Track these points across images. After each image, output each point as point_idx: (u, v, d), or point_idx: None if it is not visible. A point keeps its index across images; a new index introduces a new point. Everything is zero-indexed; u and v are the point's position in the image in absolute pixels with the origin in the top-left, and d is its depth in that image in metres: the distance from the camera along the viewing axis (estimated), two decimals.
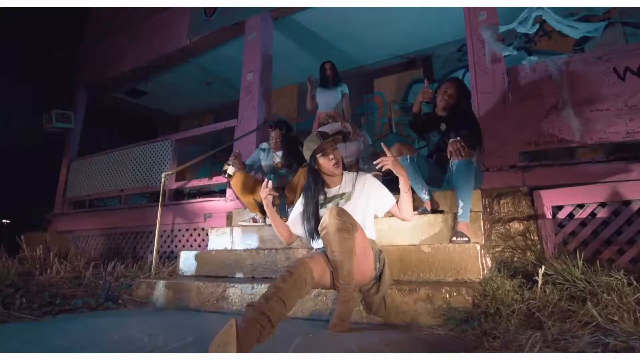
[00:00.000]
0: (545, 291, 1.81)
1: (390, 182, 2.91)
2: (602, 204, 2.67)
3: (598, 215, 2.66)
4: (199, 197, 4.88)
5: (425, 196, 2.52)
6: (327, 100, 4.31)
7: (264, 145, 3.77)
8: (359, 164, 3.35)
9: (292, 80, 6.70)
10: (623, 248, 2.58)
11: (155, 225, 3.48)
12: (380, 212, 2.09)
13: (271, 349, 1.40)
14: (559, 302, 1.65)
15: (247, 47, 4.72)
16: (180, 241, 4.55)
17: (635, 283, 1.71)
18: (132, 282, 2.93)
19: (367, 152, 3.01)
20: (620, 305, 1.50)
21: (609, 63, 2.89)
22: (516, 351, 1.17)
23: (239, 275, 2.79)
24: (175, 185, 4.85)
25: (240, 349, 1.12)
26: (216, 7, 5.00)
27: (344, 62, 6.20)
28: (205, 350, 1.37)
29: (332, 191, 2.10)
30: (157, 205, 3.57)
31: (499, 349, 1.23)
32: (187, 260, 3.11)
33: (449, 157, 2.22)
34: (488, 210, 2.88)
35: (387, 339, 1.55)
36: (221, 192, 4.90)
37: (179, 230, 4.59)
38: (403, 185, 2.00)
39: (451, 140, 2.17)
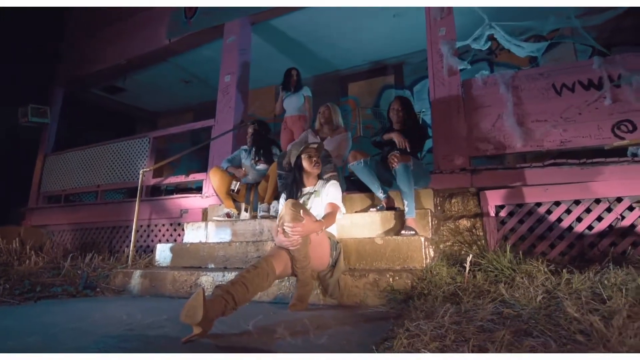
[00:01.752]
0: (475, 277, 2.12)
1: (354, 182, 3.21)
2: (538, 204, 3.03)
3: (533, 214, 3.01)
4: (176, 194, 5.03)
5: (381, 195, 2.82)
6: (292, 104, 4.57)
7: (246, 146, 4.02)
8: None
9: (271, 81, 6.90)
10: (554, 243, 2.94)
11: (132, 220, 3.65)
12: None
13: (235, 322, 1.64)
14: (483, 284, 1.95)
15: (226, 49, 4.91)
16: (156, 236, 4.70)
17: (546, 270, 2.04)
18: (110, 273, 3.09)
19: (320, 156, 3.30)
20: (529, 286, 1.81)
21: (548, 79, 3.26)
22: (433, 318, 1.45)
23: (212, 265, 3.00)
24: (152, 181, 4.99)
25: (207, 315, 1.36)
26: (196, 9, 5.16)
27: (320, 65, 6.48)
28: (177, 323, 1.60)
29: (306, 189, 2.51)
30: (134, 201, 3.74)
31: (422, 318, 1.51)
32: (162, 252, 3.29)
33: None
34: (439, 208, 3.20)
35: (336, 315, 1.81)
36: (198, 189, 5.07)
37: (156, 225, 4.74)
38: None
39: (390, 153, 2.52)
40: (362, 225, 2.82)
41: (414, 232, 2.42)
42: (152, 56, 5.81)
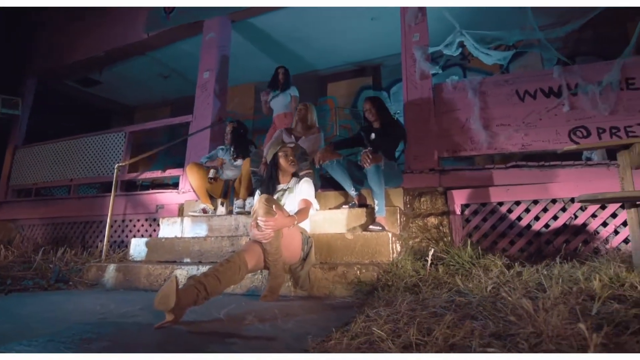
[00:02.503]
0: (438, 270, 2.26)
1: (329, 180, 3.32)
2: (500, 203, 3.22)
3: (496, 213, 3.20)
4: (152, 189, 5.01)
5: (353, 192, 2.94)
6: (279, 103, 4.62)
7: (223, 146, 4.07)
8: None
9: (250, 78, 6.94)
10: (514, 240, 3.14)
11: (106, 215, 3.64)
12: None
13: (207, 311, 1.71)
14: (443, 277, 2.09)
15: (205, 46, 4.93)
16: (131, 231, 4.67)
17: (501, 263, 2.20)
18: (82, 267, 3.08)
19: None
20: (484, 276, 1.97)
21: (512, 86, 3.46)
22: (392, 306, 1.57)
23: (187, 260, 3.04)
24: (128, 176, 4.95)
25: (179, 302, 1.43)
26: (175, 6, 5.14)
27: (300, 65, 6.55)
28: (151, 312, 1.66)
29: (280, 186, 2.59)
30: (108, 196, 3.73)
31: (383, 306, 1.63)
32: (137, 247, 3.31)
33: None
34: (409, 206, 3.35)
35: (305, 305, 1.91)
36: (174, 185, 5.07)
37: (130, 221, 4.71)
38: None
39: (362, 151, 2.63)
40: (334, 221, 2.93)
41: (380, 228, 2.55)
42: (129, 49, 5.74)
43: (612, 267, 1.78)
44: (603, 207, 2.96)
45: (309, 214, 2.40)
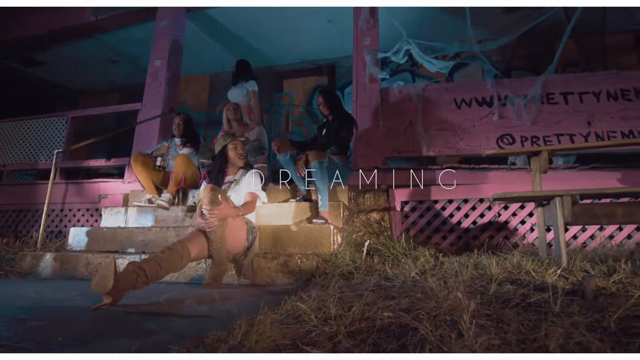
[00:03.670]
0: (374, 260, 2.45)
1: (284, 174, 3.41)
2: (435, 201, 3.50)
3: (431, 210, 3.48)
4: (96, 178, 4.82)
5: (302, 187, 3.07)
6: (235, 98, 4.60)
7: (169, 139, 4.03)
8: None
9: (205, 70, 6.84)
10: (446, 235, 3.43)
11: (43, 203, 3.48)
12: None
13: (147, 296, 1.75)
14: (376, 265, 2.28)
15: (158, 33, 4.81)
16: (70, 221, 4.47)
17: (428, 254, 2.44)
18: (15, 256, 2.95)
19: (253, 146, 3.46)
20: (411, 265, 2.17)
21: (451, 94, 3.76)
22: (326, 288, 1.72)
23: (131, 250, 3.01)
24: (68, 164, 4.73)
25: (117, 285, 1.47)
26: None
27: (256, 59, 6.53)
28: (88, 297, 1.68)
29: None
30: (46, 184, 3.56)
31: (317, 289, 1.77)
32: (77, 236, 3.21)
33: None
34: (353, 202, 3.54)
35: (246, 291, 2.01)
36: (120, 175, 4.90)
37: (70, 210, 4.51)
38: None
39: (298, 156, 2.79)
40: (281, 214, 3.04)
41: (323, 221, 2.70)
42: (76, 30, 5.46)
43: (516, 257, 2.05)
44: (522, 207, 3.33)
45: (256, 205, 2.49)
